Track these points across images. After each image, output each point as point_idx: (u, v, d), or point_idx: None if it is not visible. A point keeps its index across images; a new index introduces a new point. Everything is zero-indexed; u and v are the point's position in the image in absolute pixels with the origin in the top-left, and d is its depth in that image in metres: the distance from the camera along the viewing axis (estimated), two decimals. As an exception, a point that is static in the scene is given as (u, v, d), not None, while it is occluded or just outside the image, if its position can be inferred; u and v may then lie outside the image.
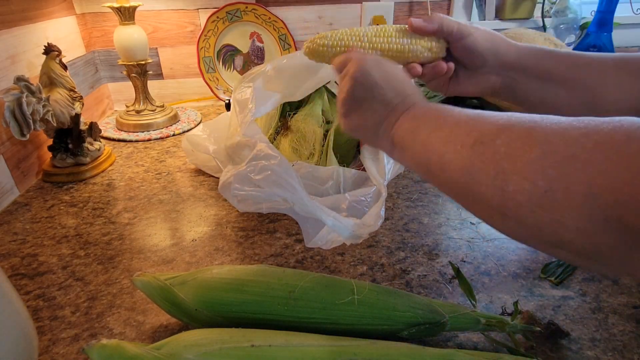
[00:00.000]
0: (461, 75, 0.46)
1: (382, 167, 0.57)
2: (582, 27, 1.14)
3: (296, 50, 1.10)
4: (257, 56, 1.10)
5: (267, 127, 0.69)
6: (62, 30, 0.87)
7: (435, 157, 0.31)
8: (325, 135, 0.68)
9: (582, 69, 0.43)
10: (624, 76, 0.42)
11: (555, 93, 0.43)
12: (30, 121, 0.60)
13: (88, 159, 0.73)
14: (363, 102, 0.39)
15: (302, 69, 0.61)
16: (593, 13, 1.10)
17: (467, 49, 0.43)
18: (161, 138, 0.89)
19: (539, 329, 0.37)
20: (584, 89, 0.43)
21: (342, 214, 0.47)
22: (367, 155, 0.60)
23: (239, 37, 1.07)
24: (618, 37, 0.97)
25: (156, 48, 1.06)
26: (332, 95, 0.69)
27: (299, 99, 0.63)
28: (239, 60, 1.09)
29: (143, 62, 0.89)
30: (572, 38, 1.14)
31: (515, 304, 0.39)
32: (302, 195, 0.43)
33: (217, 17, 1.02)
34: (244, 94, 0.57)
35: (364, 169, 0.62)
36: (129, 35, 0.86)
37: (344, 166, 0.64)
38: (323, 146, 0.66)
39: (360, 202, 0.52)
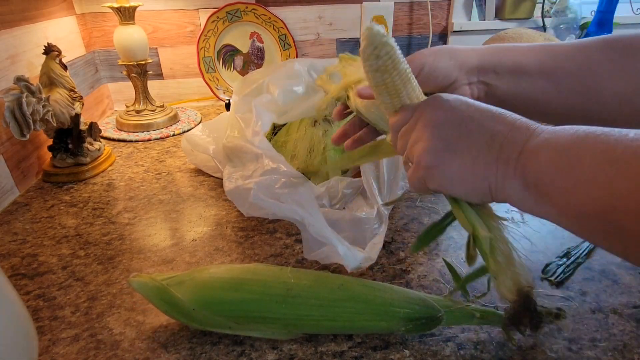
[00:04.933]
0: None
1: (382, 183, 0.57)
2: (582, 27, 1.14)
3: (296, 50, 1.10)
4: (257, 56, 1.10)
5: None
6: (62, 30, 0.87)
7: (622, 201, 0.23)
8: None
9: (561, 57, 0.40)
10: (613, 56, 0.38)
11: (541, 87, 0.40)
12: (30, 121, 0.60)
13: (88, 159, 0.73)
14: (456, 143, 0.31)
15: (298, 95, 0.62)
16: (593, 13, 1.10)
17: (429, 78, 0.40)
18: (161, 138, 0.89)
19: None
20: (570, 77, 0.39)
21: (341, 234, 0.47)
22: (367, 170, 0.58)
23: (239, 37, 1.07)
24: (618, 37, 0.97)
25: (156, 48, 1.06)
26: None
27: (291, 121, 0.64)
28: (239, 60, 1.09)
29: (143, 62, 0.89)
30: (572, 38, 1.14)
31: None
32: (320, 220, 0.45)
33: (217, 17, 1.02)
34: (246, 110, 0.58)
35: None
36: (129, 35, 0.86)
37: (345, 171, 0.63)
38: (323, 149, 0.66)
39: (360, 221, 0.52)
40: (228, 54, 1.08)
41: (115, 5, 0.84)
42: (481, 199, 0.33)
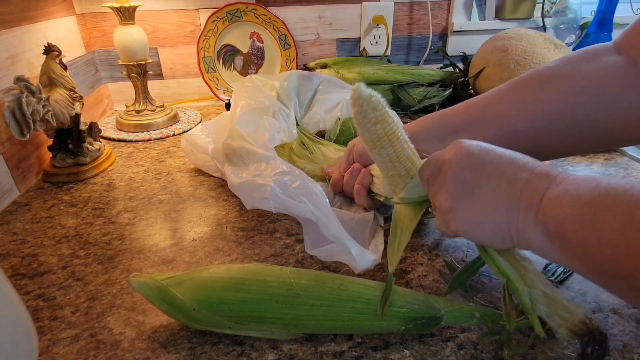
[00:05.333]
0: None
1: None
2: (582, 27, 1.14)
3: (296, 50, 1.10)
4: (257, 56, 1.10)
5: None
6: (62, 30, 0.87)
7: None
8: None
9: (476, 112, 0.45)
10: (517, 95, 0.43)
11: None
12: (30, 121, 0.60)
13: (88, 159, 0.73)
14: (475, 188, 0.32)
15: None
16: (593, 13, 1.10)
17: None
18: (161, 138, 0.89)
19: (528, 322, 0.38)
20: (486, 126, 0.44)
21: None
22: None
23: (239, 37, 1.07)
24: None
25: (156, 48, 1.06)
26: None
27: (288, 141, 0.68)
28: (239, 60, 1.09)
29: (143, 62, 0.89)
30: (572, 38, 1.14)
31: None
32: (334, 221, 0.45)
33: (217, 17, 1.02)
34: (250, 124, 0.62)
35: None
36: (129, 35, 0.86)
37: None
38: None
39: (359, 222, 0.53)
40: (228, 54, 1.08)
41: (115, 5, 0.84)
42: (502, 245, 0.33)
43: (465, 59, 1.04)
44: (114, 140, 0.88)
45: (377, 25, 1.11)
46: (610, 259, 0.25)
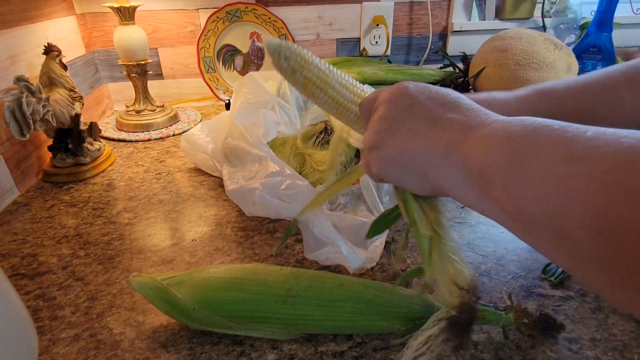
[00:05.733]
0: None
1: (381, 189, 0.57)
2: (582, 27, 1.14)
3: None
4: (257, 56, 1.10)
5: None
6: (62, 30, 0.87)
7: (572, 206, 0.19)
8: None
9: (591, 95, 0.39)
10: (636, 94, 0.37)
11: None
12: (30, 121, 0.60)
13: (88, 159, 0.73)
14: (400, 125, 0.30)
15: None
16: (593, 13, 1.10)
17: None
18: (161, 138, 0.89)
19: (526, 322, 0.38)
20: (599, 116, 0.39)
21: (343, 236, 0.48)
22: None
23: (239, 37, 1.07)
24: (618, 37, 0.97)
25: (156, 48, 1.06)
26: None
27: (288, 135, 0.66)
28: (239, 60, 1.09)
29: (143, 62, 0.89)
30: (572, 38, 1.14)
31: (509, 297, 0.39)
32: (323, 221, 0.45)
33: (217, 17, 1.02)
34: (248, 118, 0.60)
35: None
36: (129, 35, 0.86)
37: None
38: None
39: (361, 225, 0.52)
40: (228, 54, 1.08)
41: (115, 5, 0.84)
42: (420, 188, 0.31)
43: (465, 59, 1.04)
44: (114, 140, 0.88)
45: (377, 25, 1.11)
46: (536, 197, 0.21)
